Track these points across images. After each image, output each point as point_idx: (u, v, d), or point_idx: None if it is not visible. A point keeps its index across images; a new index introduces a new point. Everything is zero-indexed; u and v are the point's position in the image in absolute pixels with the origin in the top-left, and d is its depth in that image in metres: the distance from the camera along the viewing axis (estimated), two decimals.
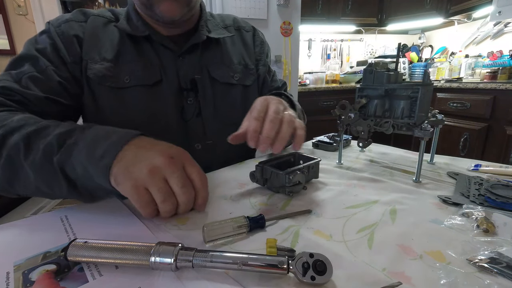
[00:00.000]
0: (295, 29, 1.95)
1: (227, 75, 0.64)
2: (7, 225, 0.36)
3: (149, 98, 0.56)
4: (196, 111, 0.60)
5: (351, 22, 2.64)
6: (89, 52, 0.54)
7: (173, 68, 0.58)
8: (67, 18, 0.55)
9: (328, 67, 2.88)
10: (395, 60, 0.54)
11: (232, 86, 0.65)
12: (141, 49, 0.57)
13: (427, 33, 2.87)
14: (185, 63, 0.59)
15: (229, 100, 0.64)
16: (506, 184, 0.44)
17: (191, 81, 0.59)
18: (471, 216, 0.36)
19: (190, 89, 0.59)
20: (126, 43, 0.56)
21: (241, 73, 0.67)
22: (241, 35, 0.71)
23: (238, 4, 1.77)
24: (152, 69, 0.56)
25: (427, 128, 0.46)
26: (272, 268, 0.25)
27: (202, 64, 0.61)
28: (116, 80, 0.54)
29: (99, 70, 0.53)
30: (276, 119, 0.39)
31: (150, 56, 0.57)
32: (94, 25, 0.56)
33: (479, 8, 2.03)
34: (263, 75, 0.72)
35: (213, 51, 0.63)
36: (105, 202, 0.42)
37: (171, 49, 0.58)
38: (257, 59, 0.71)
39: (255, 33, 0.74)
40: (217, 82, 0.63)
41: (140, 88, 0.56)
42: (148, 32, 0.56)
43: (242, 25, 0.72)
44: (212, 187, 0.48)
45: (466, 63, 2.20)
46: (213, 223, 0.32)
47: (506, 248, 0.29)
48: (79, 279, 0.26)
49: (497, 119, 1.67)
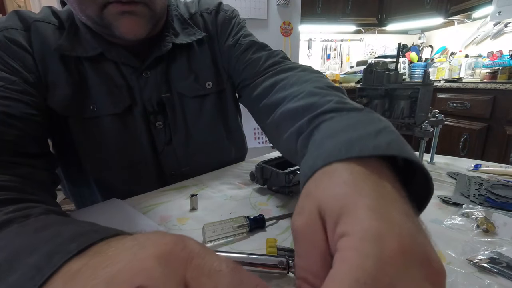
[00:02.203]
0: (295, 29, 1.95)
1: (197, 86, 0.53)
2: None
3: (119, 128, 0.48)
4: (167, 139, 0.52)
5: (351, 22, 2.64)
6: (46, 75, 0.43)
7: (138, 88, 0.48)
8: (2, 26, 0.41)
9: (328, 67, 2.88)
10: (395, 60, 0.54)
11: (204, 98, 0.54)
12: (101, 69, 0.46)
13: (427, 33, 2.87)
14: (149, 81, 0.49)
15: (204, 117, 0.55)
16: (506, 184, 0.44)
17: (158, 102, 0.50)
18: (471, 216, 0.36)
19: (158, 112, 0.50)
20: (83, 64, 0.45)
21: (214, 78, 0.55)
22: (205, 25, 0.56)
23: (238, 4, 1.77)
24: (118, 92, 0.47)
25: (427, 128, 0.46)
26: (272, 268, 0.25)
27: (170, 78, 0.51)
28: (81, 109, 0.45)
29: (61, 96, 0.43)
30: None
31: (113, 77, 0.47)
32: (41, 35, 0.43)
33: (479, 8, 2.03)
34: (227, 57, 0.55)
35: (181, 58, 0.52)
36: (105, 202, 0.42)
37: (131, 65, 0.47)
38: (220, 48, 0.56)
39: (219, 10, 0.56)
40: (186, 97, 0.52)
41: (109, 118, 0.47)
42: (100, 49, 0.45)
43: (205, 7, 0.57)
44: (212, 187, 0.48)
45: (466, 63, 2.20)
46: (213, 223, 0.32)
47: (506, 248, 0.29)
48: None
49: (497, 119, 1.67)
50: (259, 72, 0.49)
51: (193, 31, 0.53)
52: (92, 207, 0.42)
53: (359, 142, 0.20)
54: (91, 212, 0.40)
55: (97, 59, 0.46)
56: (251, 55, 0.52)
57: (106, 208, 0.40)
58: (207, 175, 0.54)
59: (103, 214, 0.38)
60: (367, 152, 0.19)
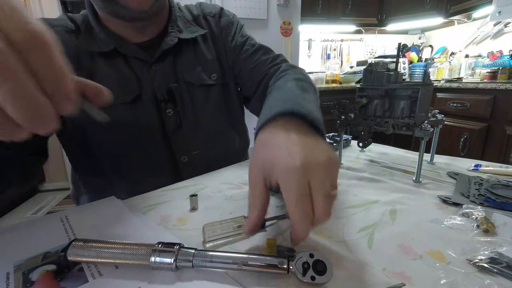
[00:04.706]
0: (295, 29, 1.95)
1: (203, 76, 0.59)
2: (7, 225, 0.36)
3: (130, 115, 0.53)
4: (177, 124, 0.57)
5: (351, 22, 2.64)
6: None
7: (148, 79, 0.54)
8: None
9: (328, 67, 2.88)
10: (395, 60, 0.54)
11: (210, 88, 0.60)
12: (112, 64, 0.52)
13: (427, 33, 2.87)
14: (158, 72, 0.54)
15: (210, 105, 0.60)
16: (506, 184, 0.44)
17: (168, 91, 0.55)
18: (471, 216, 0.36)
19: (168, 100, 0.55)
20: (95, 60, 0.51)
21: (219, 71, 0.61)
22: (209, 26, 0.63)
23: (238, 4, 1.77)
24: (127, 84, 0.52)
25: (427, 128, 0.46)
26: (272, 268, 0.25)
27: (177, 70, 0.57)
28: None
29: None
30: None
31: (123, 70, 0.52)
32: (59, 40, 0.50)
33: (479, 8, 2.03)
34: (234, 56, 0.64)
35: (187, 53, 0.58)
36: (105, 202, 0.42)
37: (142, 59, 0.53)
38: (225, 47, 0.63)
39: (221, 15, 0.65)
40: (194, 86, 0.58)
41: (120, 106, 0.52)
42: (114, 45, 0.51)
43: (208, 11, 0.64)
44: (212, 187, 0.48)
45: (466, 63, 2.20)
46: (213, 223, 0.32)
47: (506, 248, 0.29)
48: (79, 279, 0.26)
49: (497, 119, 1.67)
50: (265, 71, 0.60)
51: (195, 29, 0.60)
52: (90, 204, 0.42)
53: (268, 112, 0.35)
54: (89, 210, 0.40)
55: (110, 56, 0.51)
56: (260, 55, 0.63)
57: (104, 207, 0.40)
58: (207, 175, 0.54)
59: (100, 213, 0.38)
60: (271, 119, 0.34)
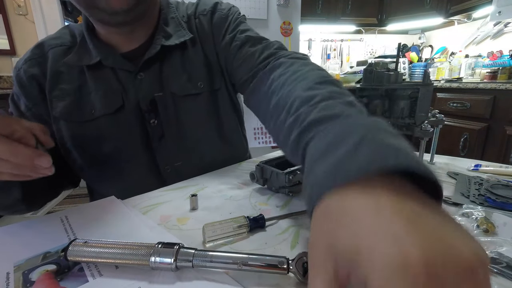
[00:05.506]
0: (295, 29, 1.95)
1: (188, 85, 0.55)
2: (7, 225, 0.36)
3: (113, 127, 0.52)
4: (160, 134, 0.55)
5: (351, 22, 2.64)
6: (53, 90, 0.51)
7: (133, 89, 0.52)
8: (26, 58, 0.52)
9: (328, 67, 2.88)
10: (395, 60, 0.54)
11: (196, 97, 0.56)
12: (100, 76, 0.51)
13: (427, 33, 2.87)
14: (143, 82, 0.52)
15: (195, 116, 0.57)
16: (506, 184, 0.44)
17: (151, 101, 0.53)
18: (471, 216, 0.36)
19: (151, 110, 0.53)
20: (84, 73, 0.51)
21: (206, 78, 0.57)
22: (201, 26, 0.57)
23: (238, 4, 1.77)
24: (111, 95, 0.51)
25: (427, 128, 0.46)
26: (272, 268, 0.25)
27: (163, 78, 0.54)
28: (82, 113, 0.51)
29: (65, 106, 0.50)
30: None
31: (110, 82, 0.51)
32: (55, 59, 0.52)
33: (479, 8, 2.03)
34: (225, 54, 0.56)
35: (174, 59, 0.55)
36: (105, 202, 0.42)
37: (126, 70, 0.52)
38: (216, 47, 0.57)
39: (215, 10, 0.58)
40: (177, 96, 0.54)
41: (104, 118, 0.51)
42: (99, 57, 0.50)
43: (202, 8, 0.58)
44: (212, 187, 0.48)
45: (466, 63, 2.20)
46: (213, 223, 0.32)
47: (506, 248, 0.29)
48: (79, 279, 0.26)
49: (497, 119, 1.67)
50: (254, 66, 0.50)
51: (183, 33, 0.55)
52: (90, 204, 0.42)
53: (342, 166, 0.19)
54: (89, 210, 0.40)
55: (98, 67, 0.51)
56: (247, 48, 0.52)
57: (104, 207, 0.40)
58: (207, 175, 0.54)
59: (100, 213, 0.38)
60: (352, 177, 0.18)
